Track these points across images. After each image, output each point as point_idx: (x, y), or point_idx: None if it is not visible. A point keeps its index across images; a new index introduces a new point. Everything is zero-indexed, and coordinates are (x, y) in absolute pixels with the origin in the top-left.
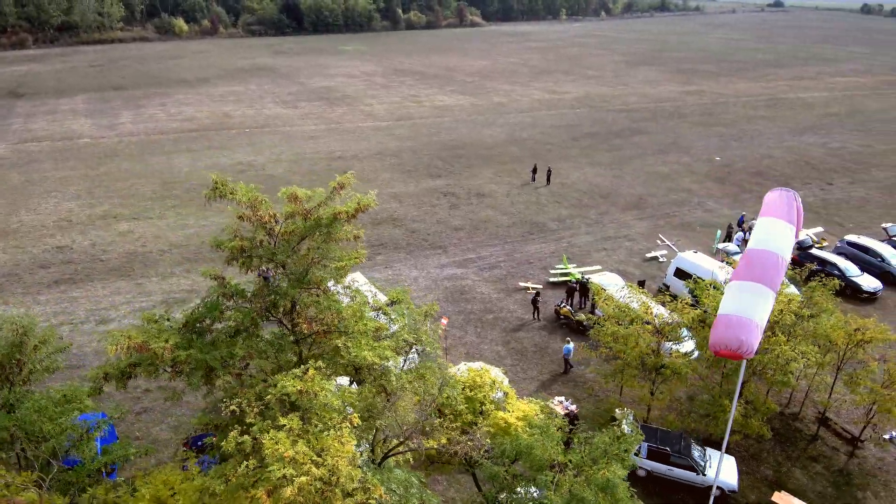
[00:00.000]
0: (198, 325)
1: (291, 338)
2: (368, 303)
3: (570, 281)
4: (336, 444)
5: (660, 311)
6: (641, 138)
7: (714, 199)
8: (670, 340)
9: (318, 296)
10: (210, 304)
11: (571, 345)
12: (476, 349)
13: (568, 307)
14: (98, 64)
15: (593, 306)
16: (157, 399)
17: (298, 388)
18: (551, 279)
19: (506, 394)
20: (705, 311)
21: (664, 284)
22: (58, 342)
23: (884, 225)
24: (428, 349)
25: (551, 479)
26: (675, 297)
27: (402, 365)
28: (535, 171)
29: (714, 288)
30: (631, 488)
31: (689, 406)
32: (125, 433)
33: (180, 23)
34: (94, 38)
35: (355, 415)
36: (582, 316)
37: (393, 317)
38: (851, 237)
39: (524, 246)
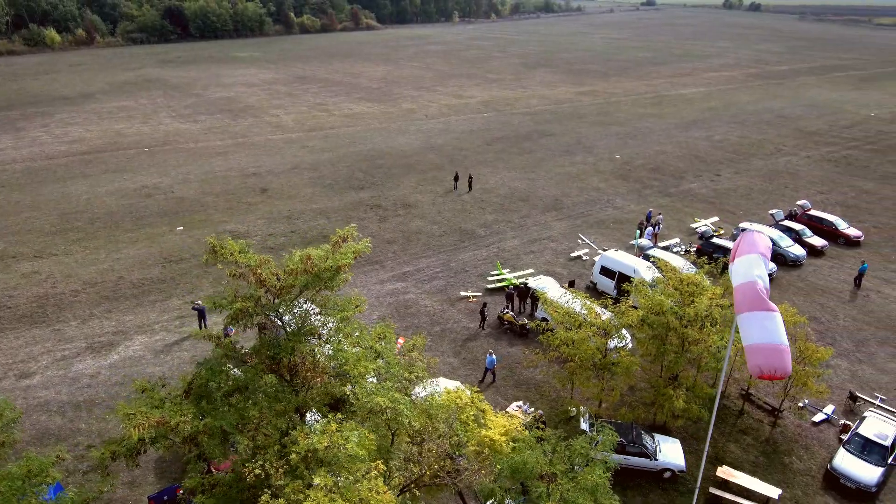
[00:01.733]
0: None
1: (290, 389)
2: (371, 347)
3: (507, 287)
4: (374, 496)
5: (600, 311)
6: (548, 140)
7: (621, 196)
8: (614, 340)
9: (318, 345)
10: (213, 368)
11: (494, 357)
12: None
13: (510, 313)
14: None
15: (533, 309)
16: None
17: (325, 443)
18: (489, 286)
19: (483, 411)
20: (645, 312)
21: (591, 282)
22: (10, 412)
23: (770, 211)
24: (425, 384)
25: (545, 490)
26: (602, 293)
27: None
28: (456, 178)
29: (651, 287)
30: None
31: (637, 397)
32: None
33: (52, 33)
34: None
35: (380, 462)
36: (525, 320)
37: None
38: (744, 224)
39: (458, 254)
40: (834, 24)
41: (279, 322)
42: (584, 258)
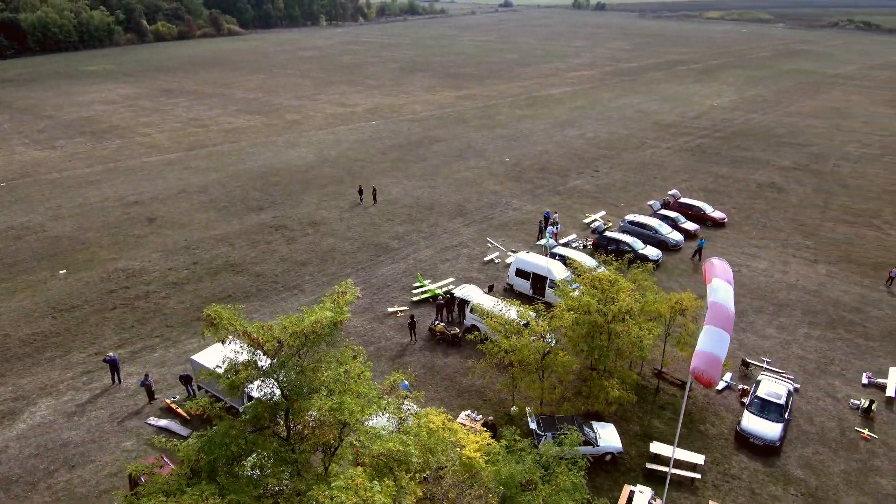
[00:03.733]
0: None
1: (290, 448)
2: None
3: (438, 298)
4: None
5: (533, 315)
6: (440, 146)
7: (517, 197)
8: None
9: (320, 399)
10: (218, 442)
11: (407, 383)
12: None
13: (441, 323)
14: None
15: (461, 317)
16: None
17: (354, 500)
18: (414, 299)
19: (454, 430)
20: (578, 314)
21: (508, 284)
22: None
23: (648, 202)
24: (414, 418)
25: (529, 498)
26: (519, 294)
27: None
28: (361, 191)
29: (575, 288)
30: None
31: (574, 391)
32: None
33: None
34: None
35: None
36: (456, 329)
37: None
38: (630, 216)
39: (376, 269)
40: (670, 21)
41: (275, 382)
42: (497, 261)
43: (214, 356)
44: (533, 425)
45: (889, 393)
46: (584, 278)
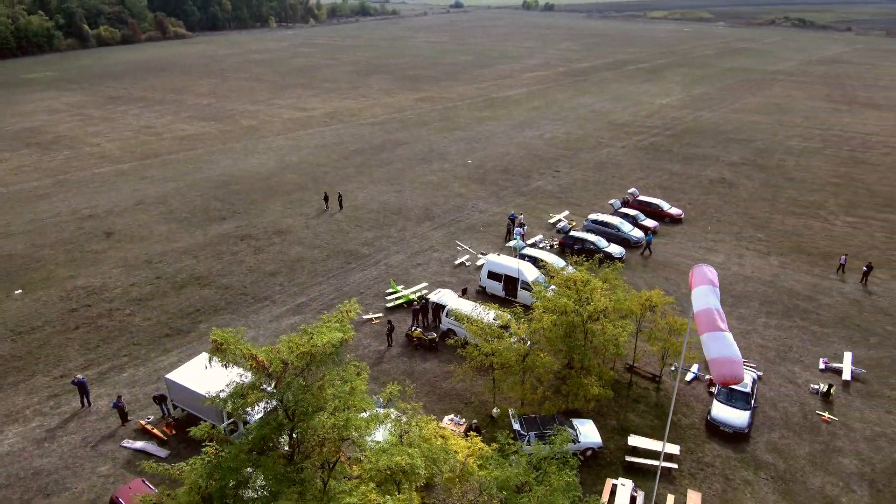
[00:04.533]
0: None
1: (292, 467)
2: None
3: (414, 303)
4: None
5: (509, 318)
6: (403, 150)
7: (482, 199)
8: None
9: (325, 417)
10: (227, 468)
11: (381, 398)
12: None
13: (418, 329)
14: None
15: (436, 321)
16: None
17: None
18: (388, 305)
19: (445, 437)
20: (556, 316)
21: (480, 286)
22: None
23: (609, 201)
24: (415, 427)
25: (527, 501)
26: (492, 296)
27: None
28: (326, 198)
29: (548, 289)
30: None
31: (554, 390)
32: None
33: None
34: None
35: None
36: (433, 334)
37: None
38: (593, 216)
39: (348, 277)
40: (616, 21)
41: (280, 403)
42: (467, 264)
43: (190, 374)
44: (517, 426)
45: (845, 377)
46: (558, 279)
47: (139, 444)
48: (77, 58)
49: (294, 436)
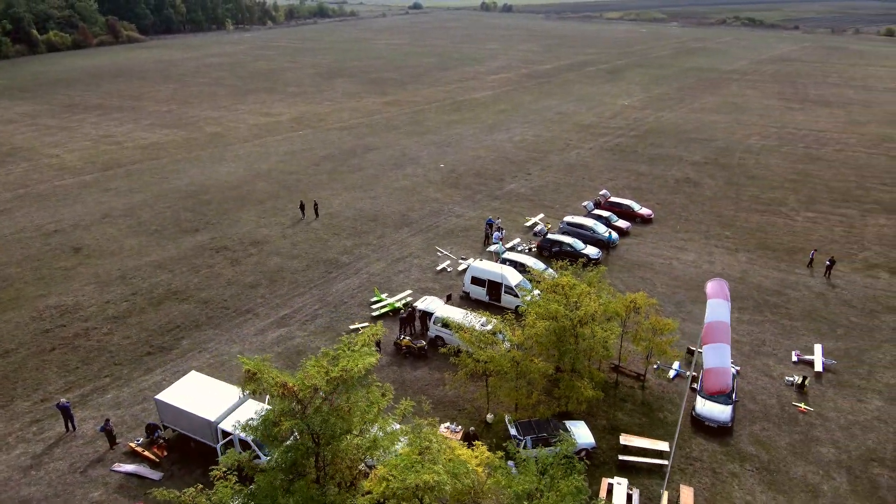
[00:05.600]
0: None
1: (321, 490)
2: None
3: (400, 312)
4: None
5: (499, 323)
6: (374, 155)
7: (457, 204)
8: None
9: (352, 439)
10: (262, 496)
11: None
12: None
13: (407, 338)
14: None
15: (423, 329)
16: None
17: None
18: (374, 314)
19: (451, 447)
20: (549, 321)
21: (464, 291)
22: None
23: (582, 203)
24: (436, 443)
25: None
26: (476, 301)
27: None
28: (302, 207)
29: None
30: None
31: (547, 393)
32: None
33: None
34: None
35: None
36: (422, 342)
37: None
38: (568, 218)
39: (330, 287)
40: (573, 21)
41: (306, 427)
42: (449, 270)
43: (180, 394)
44: (513, 431)
45: (817, 368)
46: (544, 284)
47: (131, 468)
48: (27, 64)
49: (320, 459)
